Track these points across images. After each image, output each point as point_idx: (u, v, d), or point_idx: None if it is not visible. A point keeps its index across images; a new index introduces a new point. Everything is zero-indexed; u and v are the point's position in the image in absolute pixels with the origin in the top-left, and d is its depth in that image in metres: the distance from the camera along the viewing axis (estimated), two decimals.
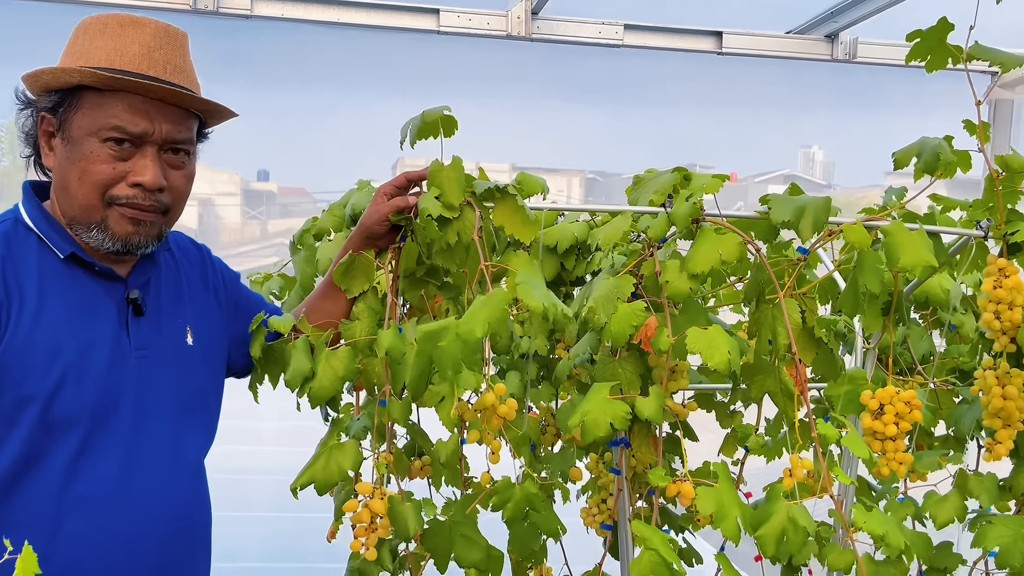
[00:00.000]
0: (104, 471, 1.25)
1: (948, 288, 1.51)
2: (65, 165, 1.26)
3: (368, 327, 1.33)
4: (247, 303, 1.53)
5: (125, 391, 1.27)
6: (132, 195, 1.26)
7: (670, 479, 1.14)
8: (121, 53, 1.26)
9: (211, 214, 3.99)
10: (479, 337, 1.00)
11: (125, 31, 1.27)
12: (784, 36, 3.07)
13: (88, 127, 1.24)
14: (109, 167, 1.24)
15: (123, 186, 1.25)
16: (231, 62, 2.94)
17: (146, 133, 1.25)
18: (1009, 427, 1.33)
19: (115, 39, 1.27)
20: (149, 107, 1.26)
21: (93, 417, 1.24)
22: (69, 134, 1.25)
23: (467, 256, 1.22)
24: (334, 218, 1.67)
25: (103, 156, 1.24)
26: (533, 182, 1.37)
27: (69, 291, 1.26)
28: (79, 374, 1.23)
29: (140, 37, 1.27)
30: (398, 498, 1.26)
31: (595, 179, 5.40)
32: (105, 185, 1.25)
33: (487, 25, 2.82)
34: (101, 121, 1.24)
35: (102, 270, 1.29)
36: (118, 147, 1.24)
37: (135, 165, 1.25)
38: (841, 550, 1.29)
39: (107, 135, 1.24)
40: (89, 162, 1.23)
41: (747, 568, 1.74)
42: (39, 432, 1.21)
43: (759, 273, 1.24)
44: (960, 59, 1.24)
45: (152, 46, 1.27)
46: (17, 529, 1.21)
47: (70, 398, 1.22)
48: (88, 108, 1.24)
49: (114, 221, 1.26)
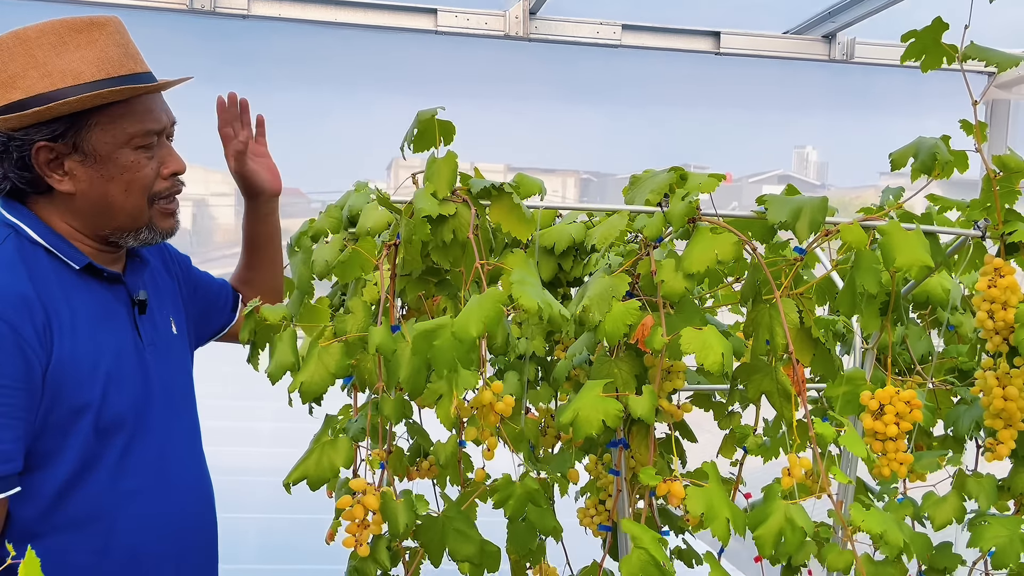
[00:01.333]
0: (145, 464, 1.31)
1: (948, 288, 1.51)
2: (101, 183, 1.27)
3: (362, 322, 1.33)
4: (199, 282, 1.62)
5: (150, 388, 1.34)
6: (169, 186, 1.33)
7: (660, 478, 1.13)
8: (105, 60, 1.26)
9: (205, 215, 3.99)
10: (474, 336, 1.00)
11: (91, 36, 1.26)
12: (781, 36, 3.07)
13: (115, 141, 1.26)
14: (150, 169, 1.30)
15: (160, 181, 1.32)
16: (227, 62, 2.94)
17: (164, 128, 1.32)
18: (1010, 427, 1.33)
19: (86, 47, 1.25)
20: (151, 103, 1.30)
21: (135, 417, 1.30)
22: (94, 153, 1.26)
23: (463, 255, 1.22)
24: (331, 220, 1.66)
25: (142, 162, 1.29)
26: (531, 183, 1.37)
27: (89, 300, 1.29)
28: (119, 379, 1.28)
29: (110, 37, 1.28)
30: (390, 494, 1.26)
31: (590, 179, 5.39)
32: (150, 187, 1.31)
33: (485, 25, 2.82)
34: (129, 131, 1.27)
35: (110, 275, 1.33)
36: (147, 150, 1.30)
37: (163, 158, 1.32)
38: (840, 550, 1.29)
39: (140, 142, 1.28)
40: (133, 172, 1.28)
41: (747, 569, 1.74)
42: (92, 438, 1.25)
43: (756, 273, 1.23)
44: (955, 59, 1.23)
45: (123, 43, 1.29)
46: (78, 528, 1.26)
47: (115, 403, 1.27)
48: (107, 124, 1.25)
49: (159, 218, 1.33)
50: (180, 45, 1.40)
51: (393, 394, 1.30)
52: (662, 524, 1.51)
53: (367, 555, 1.25)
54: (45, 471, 1.23)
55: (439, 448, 1.44)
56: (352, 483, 1.27)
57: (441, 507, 1.34)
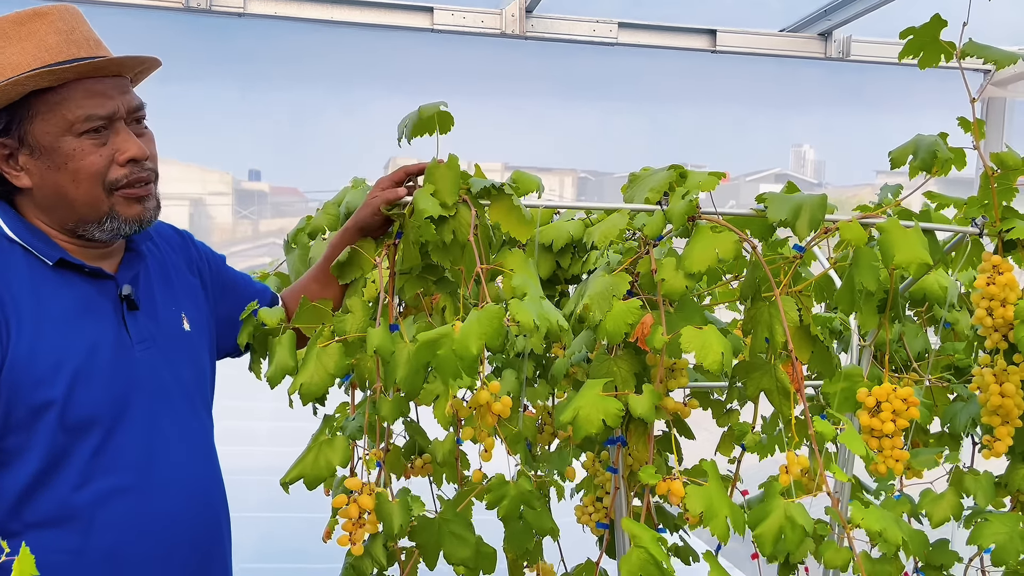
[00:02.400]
0: (126, 462, 1.27)
1: (946, 285, 1.52)
2: (51, 175, 1.24)
3: (361, 322, 1.33)
4: (234, 284, 1.55)
5: (134, 385, 1.29)
6: (128, 173, 1.26)
7: (660, 477, 1.13)
8: (44, 48, 1.23)
9: (202, 214, 3.99)
10: (475, 354, 1.01)
11: (32, 27, 1.24)
12: (778, 34, 3.08)
13: (56, 129, 1.22)
14: (97, 156, 1.23)
15: (115, 168, 1.25)
16: (223, 61, 2.94)
17: (114, 112, 1.25)
18: (1008, 424, 1.33)
19: (26, 38, 1.23)
20: (101, 87, 1.24)
21: (110, 414, 1.26)
22: (38, 144, 1.22)
23: (463, 254, 1.22)
24: (328, 216, 1.66)
25: (87, 148, 1.23)
26: (529, 180, 1.37)
27: (64, 296, 1.26)
28: (88, 376, 1.24)
29: (51, 26, 1.25)
30: (386, 494, 1.26)
31: (587, 178, 5.39)
32: (101, 174, 1.24)
33: (481, 23, 2.82)
34: (69, 117, 1.22)
35: (92, 270, 1.29)
36: (95, 135, 1.24)
37: (116, 144, 1.25)
38: (838, 548, 1.29)
39: (82, 128, 1.22)
40: (77, 160, 1.23)
41: (744, 567, 1.75)
42: (59, 435, 1.23)
43: (755, 271, 1.24)
44: (953, 56, 1.24)
45: (66, 29, 1.25)
46: (53, 526, 1.23)
47: (84, 400, 1.24)
48: (46, 113, 1.22)
49: (121, 206, 1.27)
50: (176, 44, 1.39)
51: (391, 394, 1.30)
52: (658, 523, 1.52)
53: (361, 553, 1.25)
54: (10, 468, 1.21)
55: (436, 446, 1.43)
56: (348, 482, 1.27)
57: (438, 507, 1.34)
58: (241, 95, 2.69)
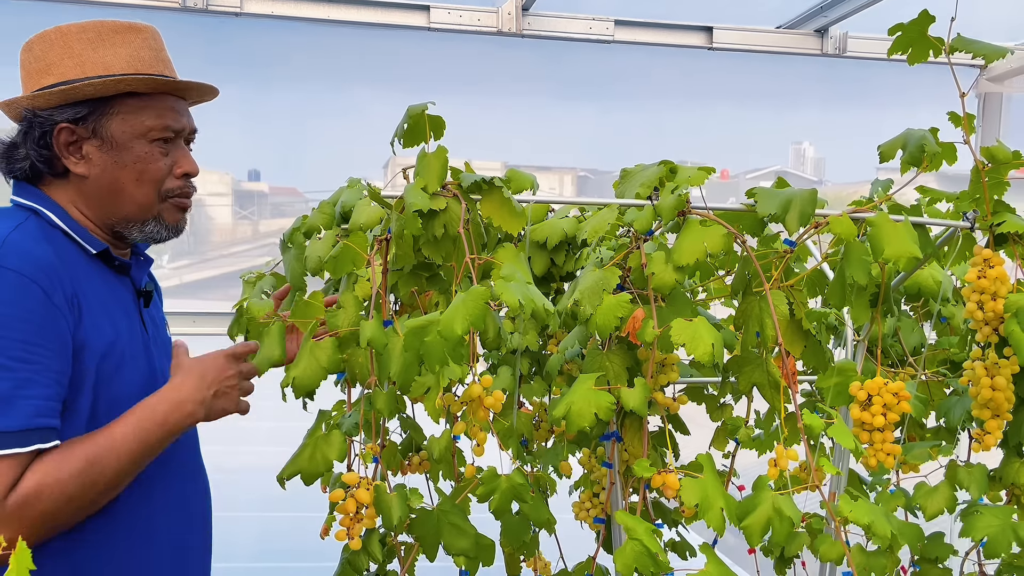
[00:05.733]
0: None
1: (940, 279, 1.52)
2: (114, 169, 1.33)
3: (353, 318, 1.34)
4: None
5: (154, 375, 1.38)
6: (182, 186, 1.38)
7: (655, 470, 1.14)
8: (138, 59, 1.35)
9: (202, 215, 3.99)
10: (459, 334, 1.01)
11: (127, 37, 1.36)
12: (774, 31, 3.08)
13: (133, 131, 1.33)
14: (163, 164, 1.35)
15: (172, 179, 1.37)
16: (221, 60, 2.94)
17: (183, 128, 1.38)
18: (998, 417, 1.33)
19: (122, 46, 1.35)
20: (177, 105, 1.38)
21: (140, 397, 1.31)
22: (111, 139, 1.32)
23: (454, 249, 1.23)
24: (324, 216, 1.66)
25: (156, 155, 1.34)
26: (522, 178, 1.37)
27: (100, 286, 1.32)
28: (133, 360, 1.32)
29: (144, 42, 1.37)
30: (384, 488, 1.26)
31: (587, 177, 5.40)
32: (160, 181, 1.35)
33: (477, 22, 2.82)
34: (148, 123, 1.33)
35: (121, 264, 1.38)
36: (164, 145, 1.35)
37: (176, 158, 1.37)
38: (833, 541, 1.30)
39: (156, 136, 1.34)
40: (146, 163, 1.33)
41: (742, 561, 1.75)
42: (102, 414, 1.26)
43: (746, 265, 1.24)
44: (942, 51, 1.24)
45: (156, 48, 1.39)
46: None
47: (127, 382, 1.30)
48: (128, 113, 1.32)
49: (168, 213, 1.38)
50: (173, 44, 1.41)
51: (386, 387, 1.30)
52: (655, 517, 1.52)
53: (359, 548, 1.26)
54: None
55: (433, 443, 1.44)
56: (345, 477, 1.27)
57: (435, 500, 1.35)
58: (239, 95, 2.69)
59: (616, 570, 1.12)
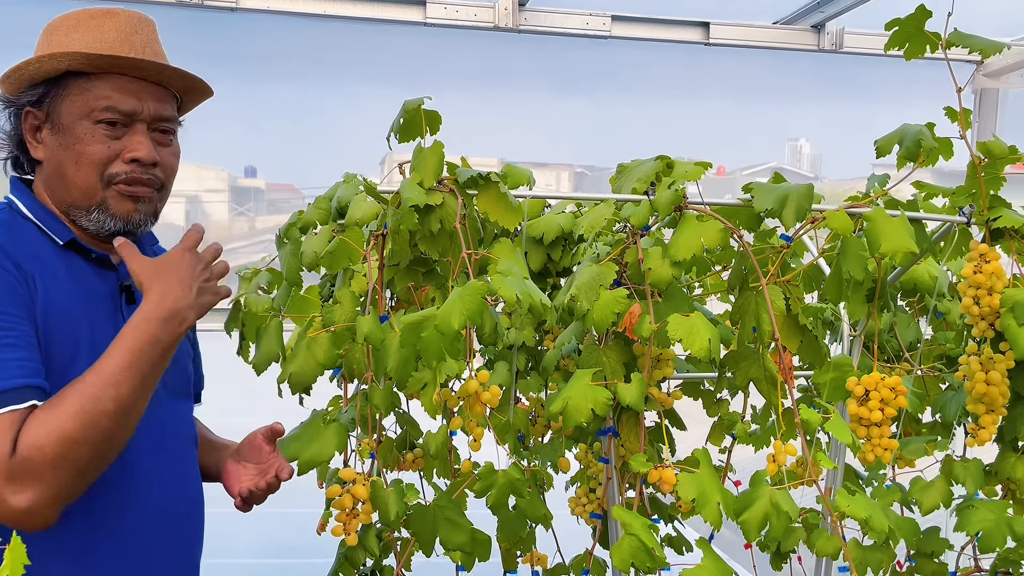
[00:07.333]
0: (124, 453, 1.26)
1: (935, 275, 1.52)
2: (59, 152, 1.29)
3: (350, 313, 1.33)
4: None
5: None
6: (128, 171, 1.29)
7: (651, 465, 1.14)
8: (100, 40, 1.29)
9: (198, 211, 3.98)
10: (456, 329, 1.01)
11: (100, 21, 1.31)
12: (771, 27, 3.08)
13: (78, 111, 1.28)
14: (104, 146, 1.28)
15: (119, 163, 1.29)
16: (216, 57, 2.93)
17: (136, 111, 1.30)
18: (992, 412, 1.33)
19: (91, 30, 1.30)
20: (135, 86, 1.30)
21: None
22: (59, 122, 1.28)
23: (451, 244, 1.23)
24: (320, 211, 1.66)
25: (97, 136, 1.27)
26: (519, 173, 1.37)
27: (68, 278, 1.28)
28: (93, 357, 1.23)
29: (115, 24, 1.32)
30: (380, 483, 1.26)
31: (584, 173, 5.39)
32: (103, 164, 1.28)
33: (474, 17, 2.81)
34: (91, 103, 1.27)
35: (98, 257, 1.32)
36: (110, 127, 1.28)
37: (128, 142, 1.29)
38: (829, 536, 1.30)
39: (99, 116, 1.27)
40: (84, 144, 1.27)
41: (738, 556, 1.75)
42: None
43: (742, 261, 1.24)
44: (939, 46, 1.24)
45: (128, 31, 1.32)
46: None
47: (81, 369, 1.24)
48: (76, 93, 1.28)
49: (114, 200, 1.29)
50: (169, 40, 1.40)
51: (382, 383, 1.30)
52: (651, 513, 1.52)
53: (355, 544, 1.26)
54: None
55: (429, 439, 1.44)
56: (342, 472, 1.27)
57: (431, 495, 1.35)
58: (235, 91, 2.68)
59: (613, 565, 1.12)
